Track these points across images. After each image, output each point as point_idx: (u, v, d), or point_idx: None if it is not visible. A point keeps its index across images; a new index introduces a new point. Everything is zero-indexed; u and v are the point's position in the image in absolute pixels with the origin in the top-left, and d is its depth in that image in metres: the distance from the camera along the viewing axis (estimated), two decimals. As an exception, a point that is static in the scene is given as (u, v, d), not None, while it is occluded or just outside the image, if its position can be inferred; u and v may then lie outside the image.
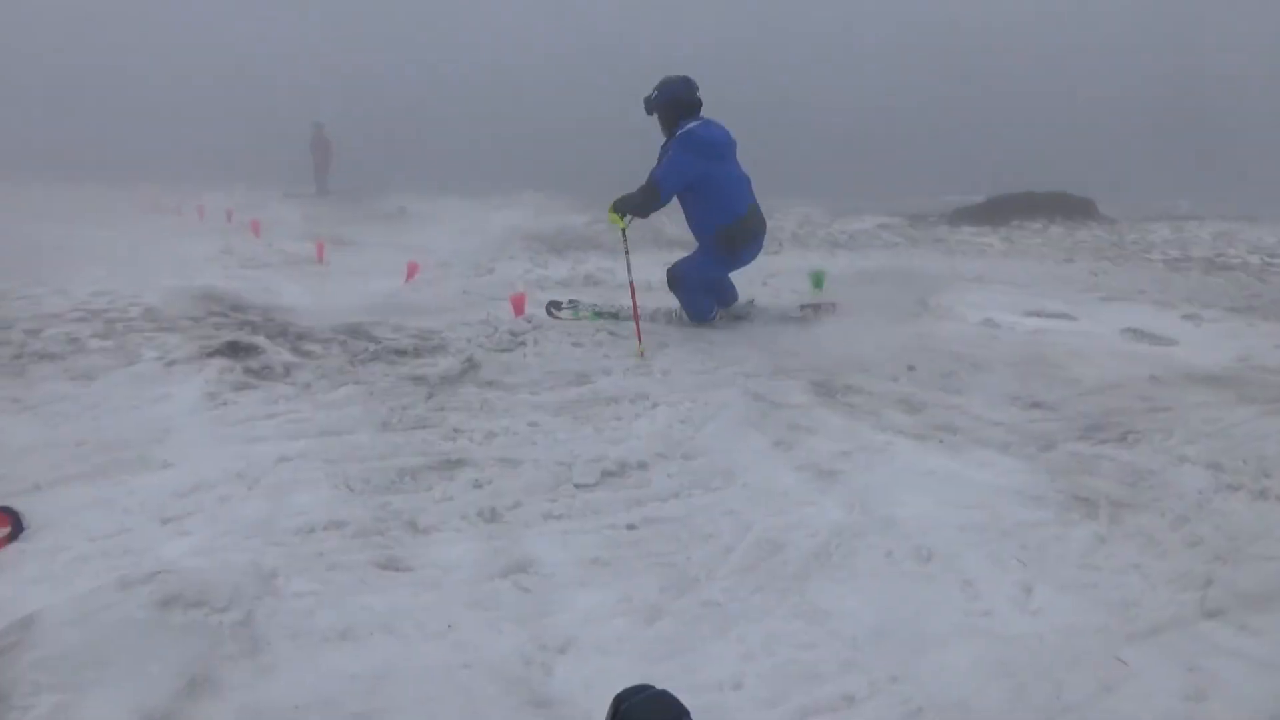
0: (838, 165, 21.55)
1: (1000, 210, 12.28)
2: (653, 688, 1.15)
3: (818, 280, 6.68)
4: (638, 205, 5.16)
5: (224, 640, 1.99)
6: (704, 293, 5.67)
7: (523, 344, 4.93)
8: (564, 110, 30.14)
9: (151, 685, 1.79)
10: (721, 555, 2.62)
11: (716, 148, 5.23)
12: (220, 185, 18.01)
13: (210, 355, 4.35)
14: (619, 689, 1.20)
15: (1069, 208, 12.49)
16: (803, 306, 5.76)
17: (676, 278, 5.59)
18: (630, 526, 2.80)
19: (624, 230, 5.30)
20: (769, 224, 5.91)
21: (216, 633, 2.01)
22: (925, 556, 2.58)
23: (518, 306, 5.75)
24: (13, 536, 2.72)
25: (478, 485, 3.04)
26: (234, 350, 4.43)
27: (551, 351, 4.79)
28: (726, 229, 5.33)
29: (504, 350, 4.81)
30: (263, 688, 1.85)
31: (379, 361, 4.50)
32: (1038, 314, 6.16)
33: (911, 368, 4.54)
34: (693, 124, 5.18)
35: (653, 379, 4.34)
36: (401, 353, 4.68)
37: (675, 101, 5.24)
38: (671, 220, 11.96)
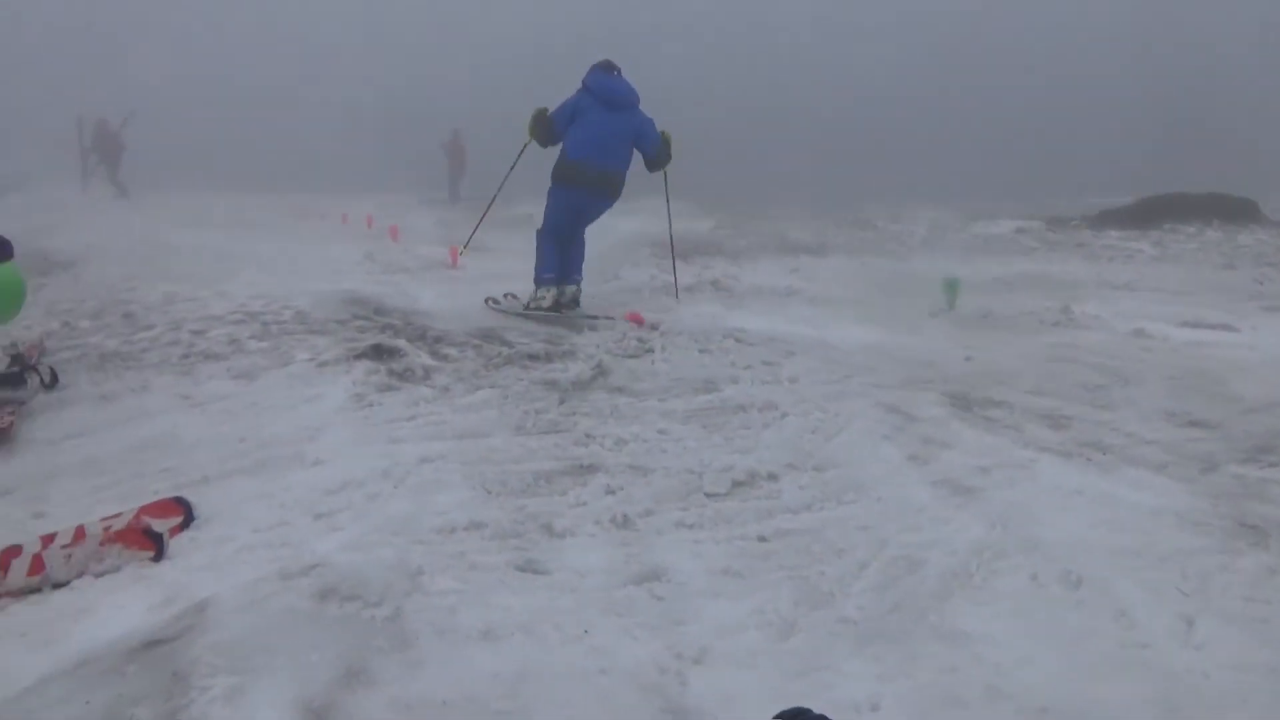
0: (969, 166, 20.85)
1: (1150, 213, 11.56)
2: (811, 712, 1.14)
3: (950, 288, 6.47)
4: (535, 128, 6.20)
5: (376, 634, 2.08)
6: (552, 238, 6.39)
7: (650, 351, 4.98)
8: (687, 116, 30.21)
9: (312, 674, 1.89)
10: (856, 571, 2.57)
11: (605, 92, 6.03)
12: (362, 192, 18.89)
13: (357, 358, 4.57)
14: (756, 703, 1.20)
15: (1228, 210, 11.65)
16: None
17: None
18: (761, 538, 2.78)
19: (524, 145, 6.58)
20: (898, 228, 5.81)
21: (369, 626, 2.11)
22: (1074, 582, 2.46)
23: (635, 318, 5.81)
24: (184, 525, 2.93)
25: (610, 491, 3.08)
26: (378, 353, 4.64)
27: (679, 358, 4.82)
28: (561, 163, 6.17)
29: (632, 357, 4.87)
30: (412, 682, 1.93)
31: (512, 366, 4.63)
32: (1195, 324, 5.80)
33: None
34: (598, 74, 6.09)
35: (781, 388, 4.30)
36: (534, 357, 4.79)
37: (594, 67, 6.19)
38: (795, 225, 11.86)
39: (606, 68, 6.17)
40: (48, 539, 2.83)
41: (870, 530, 2.81)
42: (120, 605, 2.41)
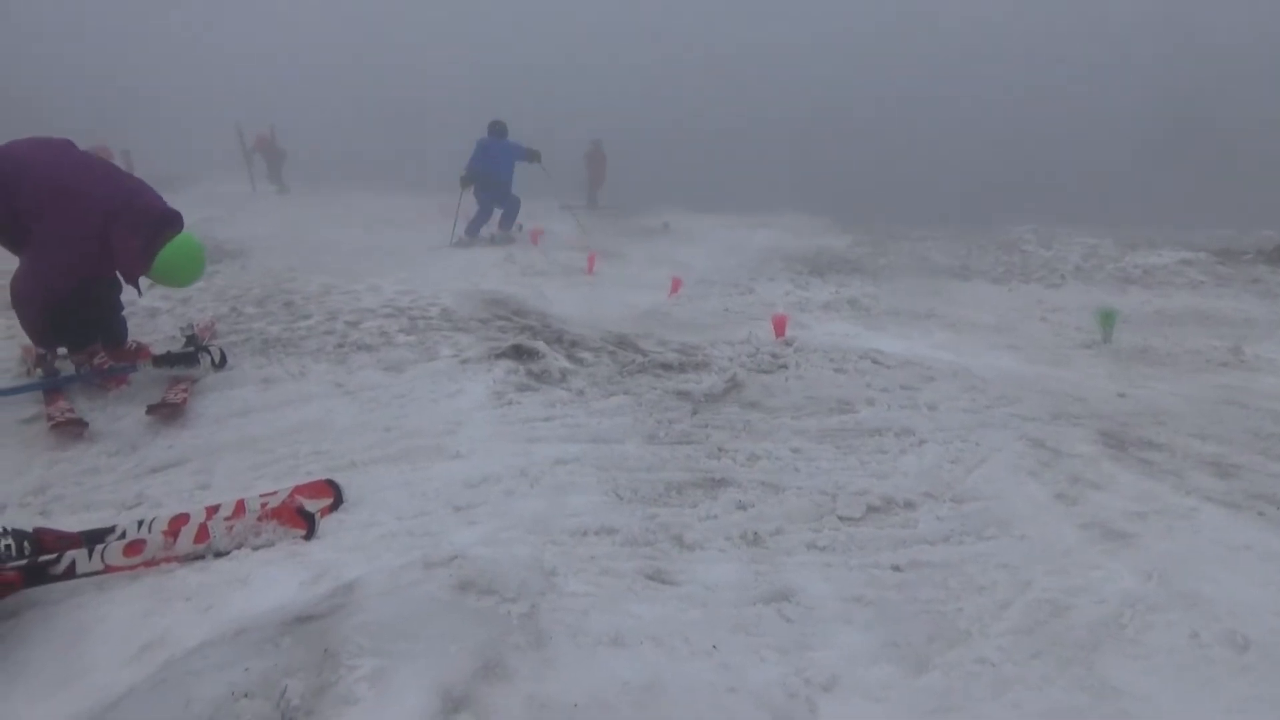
0: (1128, 189, 19.75)
1: (1338, 249, 10.60)
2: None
3: (1107, 320, 6.13)
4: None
5: (512, 630, 2.14)
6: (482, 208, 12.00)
7: (784, 366, 4.91)
8: (822, 131, 29.97)
9: (451, 664, 1.96)
10: (996, 611, 2.46)
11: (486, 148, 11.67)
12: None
13: (498, 357, 4.71)
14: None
15: None
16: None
17: None
18: (896, 567, 2.70)
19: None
20: (1048, 254, 5.56)
21: (506, 622, 2.17)
22: (1241, 645, 2.28)
23: (779, 328, 5.75)
24: (334, 507, 3.08)
25: (741, 507, 3.06)
26: (518, 353, 4.77)
27: (813, 376, 4.74)
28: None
29: (765, 372, 4.82)
30: (545, 681, 1.97)
31: (646, 374, 4.67)
32: (1386, 374, 5.29)
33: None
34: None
35: (919, 413, 4.17)
36: (667, 367, 4.82)
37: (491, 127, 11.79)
38: (938, 245, 11.50)
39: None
40: (211, 510, 3.04)
41: (1013, 569, 2.69)
42: (274, 578, 2.56)
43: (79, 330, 4.35)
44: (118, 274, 4.19)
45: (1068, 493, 3.28)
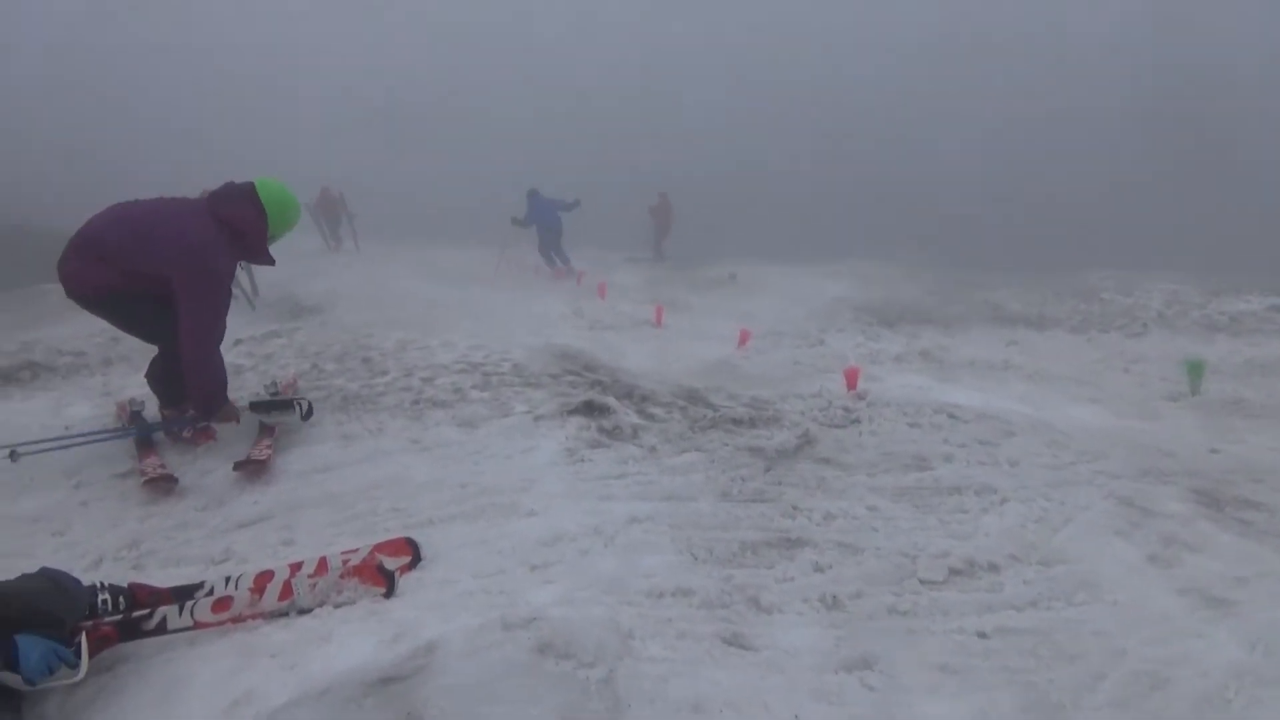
0: (1210, 233, 19.15)
1: None
2: None
3: (1195, 370, 5.92)
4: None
5: (591, 695, 2.13)
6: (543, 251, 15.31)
7: (857, 421, 4.86)
8: (889, 176, 29.88)
9: (532, 729, 1.96)
10: (1090, 682, 2.37)
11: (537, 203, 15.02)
12: (571, 249, 19.80)
13: (570, 413, 4.75)
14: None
15: None
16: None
17: None
18: (981, 634, 2.62)
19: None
20: (1129, 301, 5.43)
21: (584, 687, 2.16)
22: (1360, 724, 2.15)
23: (850, 381, 5.70)
24: (412, 565, 3.13)
25: (818, 569, 3.01)
26: (589, 410, 4.81)
27: (887, 431, 4.67)
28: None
29: (838, 427, 4.77)
30: (626, 749, 1.96)
31: (717, 429, 4.65)
32: None
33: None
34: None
35: (999, 470, 4.07)
36: (738, 422, 4.80)
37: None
38: (1011, 292, 11.29)
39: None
40: (295, 567, 3.11)
41: (1106, 637, 2.59)
42: (356, 637, 2.60)
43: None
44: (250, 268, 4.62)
45: (1161, 555, 3.16)
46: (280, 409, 4.58)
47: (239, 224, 4.26)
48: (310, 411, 4.67)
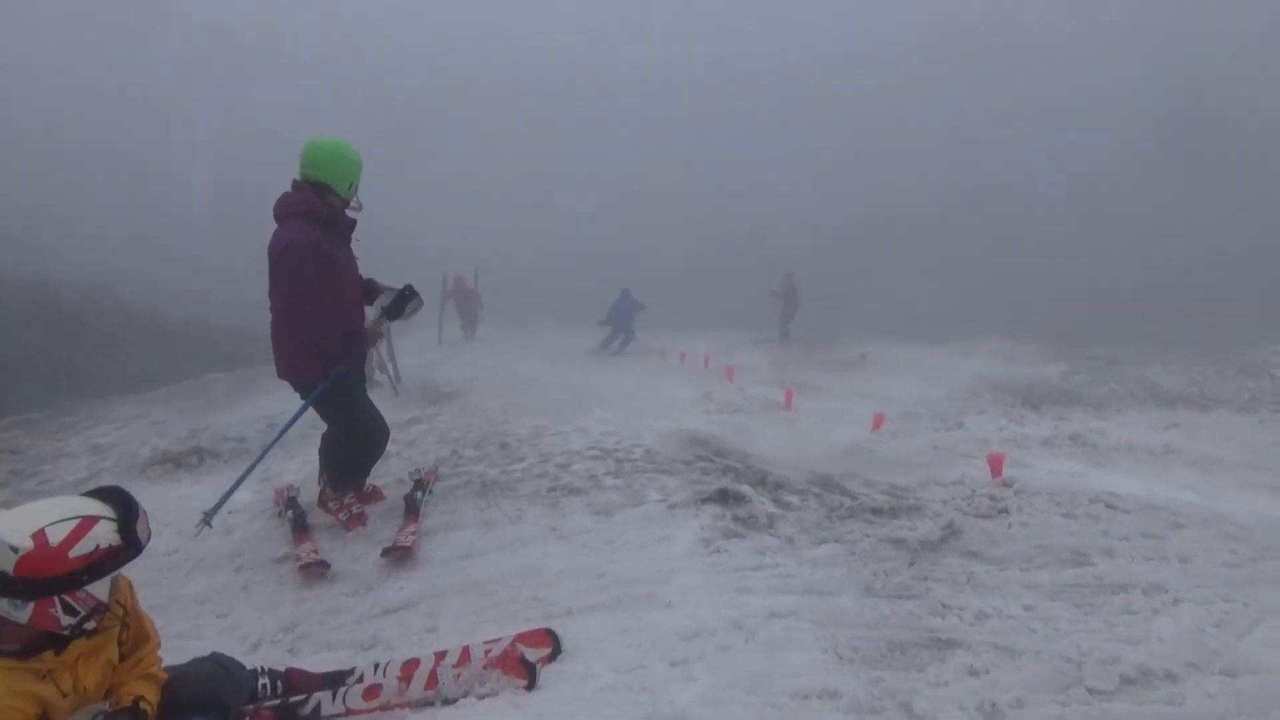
0: None
1: None
2: None
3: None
4: None
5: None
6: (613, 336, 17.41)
7: (1005, 511, 4.63)
8: (1027, 248, 29.02)
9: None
10: (1294, 814, 2.13)
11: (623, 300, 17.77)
12: (696, 330, 19.99)
13: (704, 501, 4.73)
14: None
15: None
16: None
17: None
18: (1163, 753, 2.41)
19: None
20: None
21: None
22: None
23: (995, 467, 5.46)
24: (553, 656, 3.15)
25: (973, 673, 2.85)
26: (724, 498, 4.77)
27: (1039, 522, 4.43)
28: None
29: (985, 517, 4.56)
30: None
31: (855, 519, 4.53)
32: None
33: None
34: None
35: (1169, 566, 3.79)
36: (877, 511, 4.66)
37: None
38: (1166, 370, 10.65)
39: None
40: (440, 655, 3.18)
41: (1309, 762, 2.33)
42: (499, 730, 2.63)
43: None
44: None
45: (1366, 667, 2.84)
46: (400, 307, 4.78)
47: (306, 210, 4.27)
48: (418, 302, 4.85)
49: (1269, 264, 21.60)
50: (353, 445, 4.71)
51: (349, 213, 4.48)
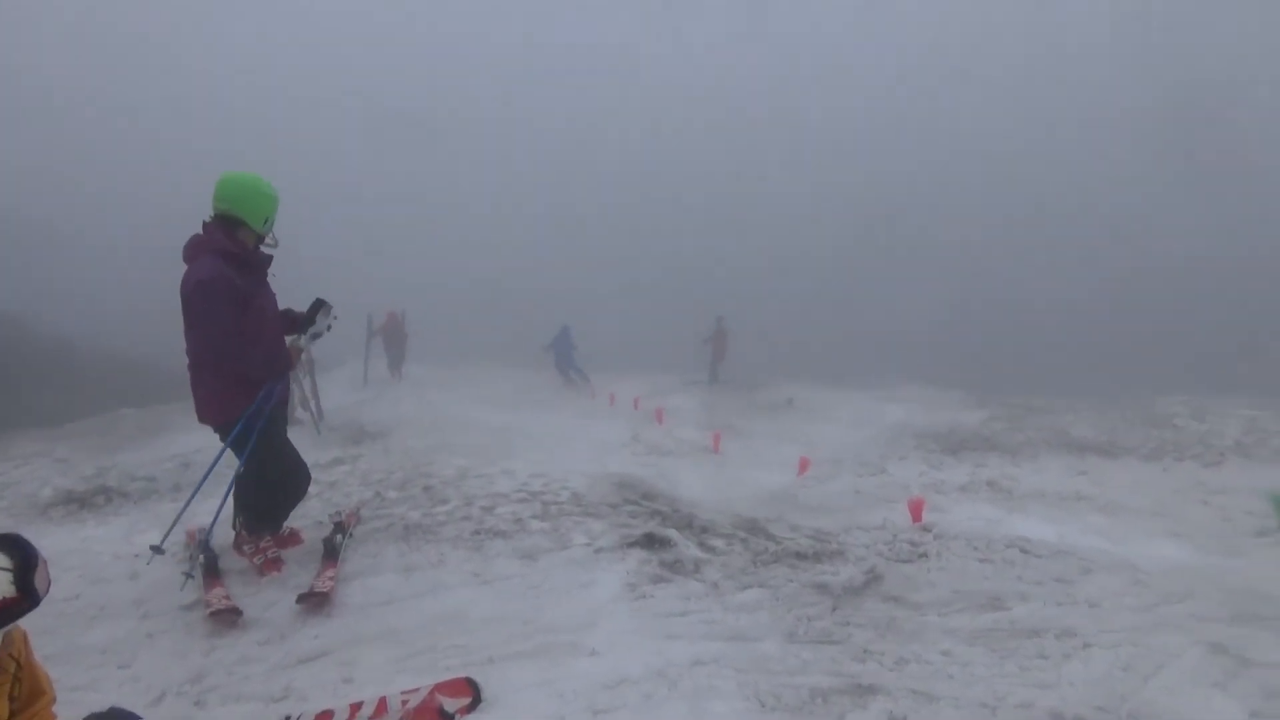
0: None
1: None
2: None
3: (1281, 504, 5.67)
4: None
5: None
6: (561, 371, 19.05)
7: (925, 555, 4.72)
8: (951, 296, 29.96)
9: None
10: None
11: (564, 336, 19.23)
12: (627, 371, 20.06)
13: (630, 546, 4.71)
14: None
15: None
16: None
17: None
18: (1074, 797, 2.46)
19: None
20: (1203, 428, 5.27)
21: None
22: None
23: (915, 512, 5.57)
24: (472, 706, 3.07)
25: (893, 719, 2.88)
26: (650, 542, 4.76)
27: (957, 567, 4.53)
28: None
29: (905, 561, 4.64)
30: None
31: (780, 564, 4.56)
32: None
33: None
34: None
35: (1079, 611, 3.90)
36: (801, 556, 4.70)
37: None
38: (1078, 419, 11.03)
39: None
40: (355, 707, 3.08)
41: (1212, 805, 2.41)
42: (415, 784, 2.54)
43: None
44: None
45: (1265, 710, 2.96)
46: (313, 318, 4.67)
47: (216, 247, 4.16)
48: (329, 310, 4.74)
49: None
50: (271, 486, 4.57)
51: (264, 248, 4.40)
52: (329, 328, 4.74)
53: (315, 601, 4.05)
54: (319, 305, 4.69)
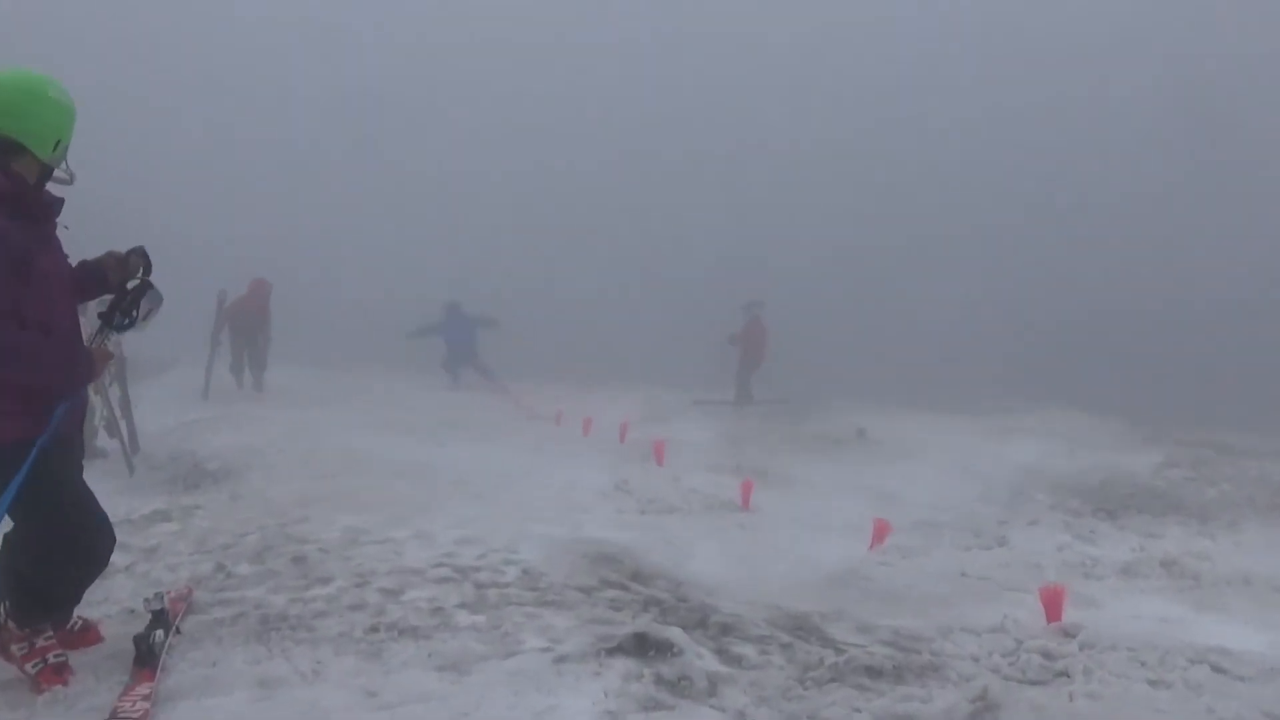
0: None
1: None
2: None
3: None
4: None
5: None
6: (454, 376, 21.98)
7: (1065, 674, 4.75)
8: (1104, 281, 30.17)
9: None
10: None
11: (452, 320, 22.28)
12: (616, 386, 20.06)
13: (611, 652, 4.71)
14: None
15: None
16: None
17: None
18: None
19: None
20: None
21: None
22: None
23: (1052, 607, 5.57)
24: None
25: None
26: (642, 647, 4.76)
27: (1115, 693, 4.54)
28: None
29: (1035, 683, 4.67)
30: None
31: (842, 684, 4.56)
32: None
33: None
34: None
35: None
36: (875, 672, 4.70)
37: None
38: None
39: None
40: None
41: None
42: None
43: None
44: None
45: None
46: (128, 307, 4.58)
47: None
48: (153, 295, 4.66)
49: None
50: (53, 554, 4.53)
51: (53, 186, 4.35)
52: (149, 316, 4.68)
53: (119, 733, 4.02)
54: (143, 288, 4.63)
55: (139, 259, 4.63)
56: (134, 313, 4.58)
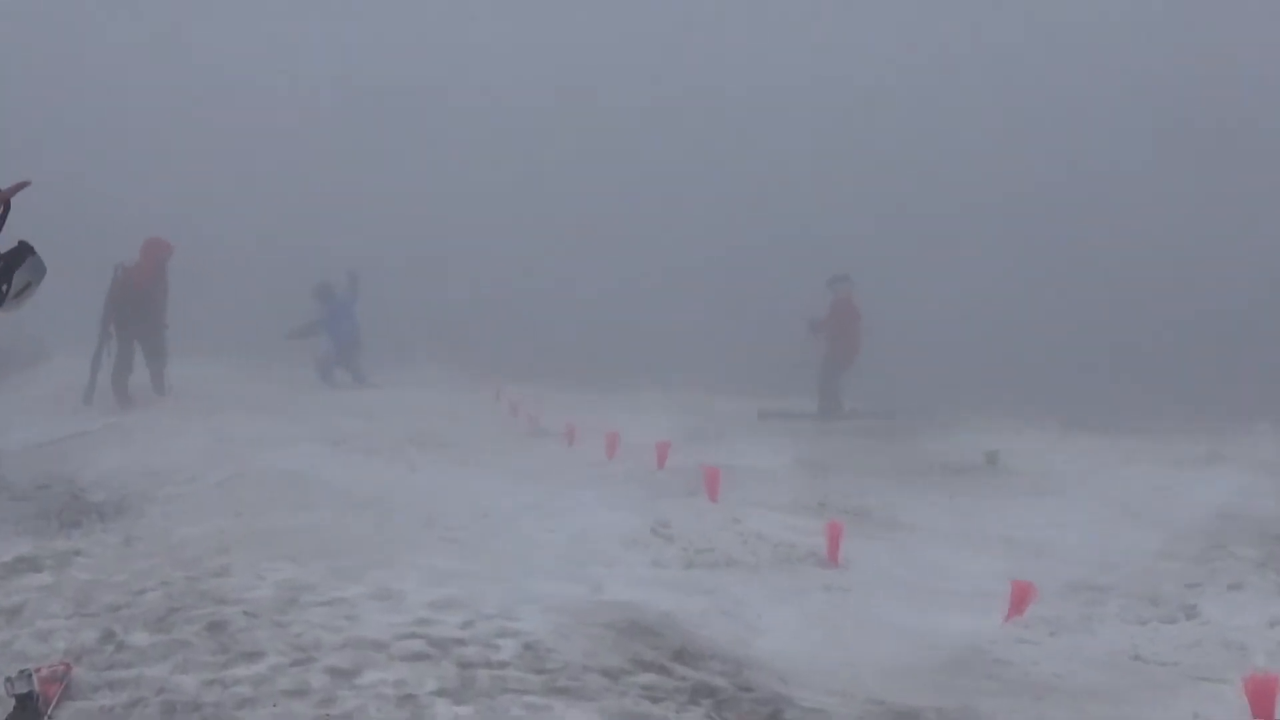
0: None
1: None
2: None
3: None
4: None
5: None
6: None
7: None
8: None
9: None
10: None
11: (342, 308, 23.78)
12: (649, 390, 20.07)
13: (650, 770, 4.70)
14: None
15: None
16: None
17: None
18: None
19: None
20: None
21: None
22: None
23: (1259, 702, 5.53)
24: None
25: None
26: (692, 761, 4.75)
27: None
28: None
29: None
30: None
31: (968, 817, 4.55)
32: None
33: None
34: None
35: None
36: (1013, 795, 4.69)
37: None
38: None
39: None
40: None
41: None
42: None
43: None
44: None
45: None
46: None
47: None
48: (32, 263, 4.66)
49: None
50: None
51: None
52: (23, 291, 4.68)
53: None
54: (19, 254, 4.63)
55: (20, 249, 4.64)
56: (3, 286, 4.59)
